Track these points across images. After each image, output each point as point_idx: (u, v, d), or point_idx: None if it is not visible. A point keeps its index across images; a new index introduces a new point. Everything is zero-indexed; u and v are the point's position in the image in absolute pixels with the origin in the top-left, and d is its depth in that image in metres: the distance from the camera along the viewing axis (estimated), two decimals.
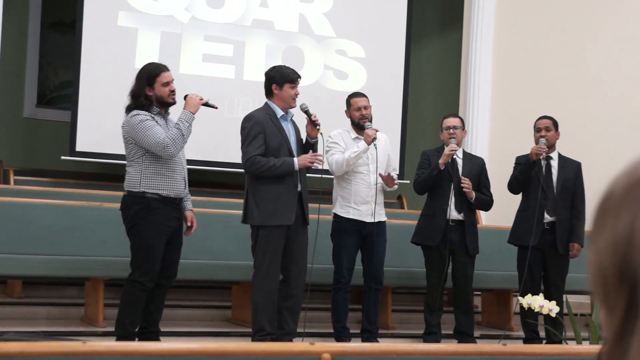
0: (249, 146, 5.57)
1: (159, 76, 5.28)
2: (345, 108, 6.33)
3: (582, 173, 6.54)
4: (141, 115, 5.20)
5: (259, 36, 9.07)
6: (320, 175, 6.14)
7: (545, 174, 6.39)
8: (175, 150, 5.22)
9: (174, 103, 5.38)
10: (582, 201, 6.47)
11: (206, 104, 5.45)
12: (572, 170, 6.49)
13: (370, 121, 6.14)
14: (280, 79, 5.67)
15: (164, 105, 5.34)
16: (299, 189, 5.68)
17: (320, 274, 6.10)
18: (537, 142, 6.41)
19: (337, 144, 6.13)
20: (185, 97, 5.41)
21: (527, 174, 6.36)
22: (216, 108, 5.64)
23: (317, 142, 5.77)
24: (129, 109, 5.29)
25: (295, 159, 5.57)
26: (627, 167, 0.88)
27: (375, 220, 6.13)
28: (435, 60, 10.80)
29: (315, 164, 5.64)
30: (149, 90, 5.26)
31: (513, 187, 6.52)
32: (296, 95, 5.70)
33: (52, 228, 6.24)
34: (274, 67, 5.85)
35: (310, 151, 5.72)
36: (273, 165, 5.50)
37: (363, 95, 6.30)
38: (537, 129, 6.46)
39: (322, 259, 6.07)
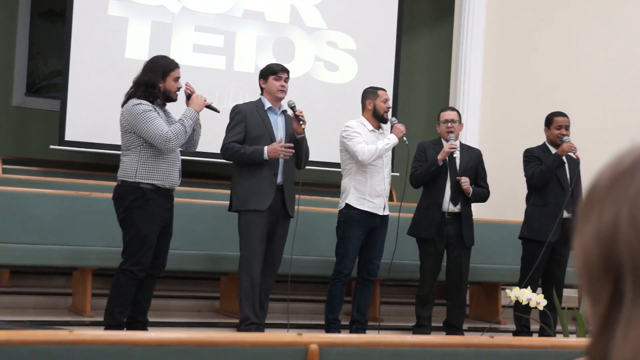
0: (227, 135, 5.79)
1: (173, 71, 5.32)
2: (366, 98, 6.35)
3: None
4: (144, 105, 5.18)
5: (250, 27, 9.05)
6: (319, 168, 6.17)
7: (561, 169, 6.40)
8: (176, 144, 5.25)
9: (176, 100, 5.41)
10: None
11: (209, 107, 5.48)
12: (576, 165, 6.47)
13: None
14: (264, 73, 5.94)
15: (166, 99, 5.37)
16: (279, 180, 5.71)
17: (296, 265, 6.11)
18: (557, 139, 6.38)
19: (359, 133, 6.15)
20: (188, 96, 5.44)
21: (554, 171, 6.35)
22: (219, 112, 5.64)
23: (304, 138, 5.79)
24: (131, 97, 5.26)
25: (265, 148, 5.63)
26: (612, 159, 0.88)
27: (385, 214, 6.20)
28: (426, 52, 10.79)
29: (284, 156, 5.67)
30: (161, 82, 5.27)
31: (535, 181, 6.42)
32: (281, 86, 5.83)
33: (41, 217, 6.22)
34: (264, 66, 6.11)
35: (281, 140, 5.74)
36: (243, 153, 5.65)
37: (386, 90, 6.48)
38: (557, 127, 6.41)
39: (302, 250, 6.05)
